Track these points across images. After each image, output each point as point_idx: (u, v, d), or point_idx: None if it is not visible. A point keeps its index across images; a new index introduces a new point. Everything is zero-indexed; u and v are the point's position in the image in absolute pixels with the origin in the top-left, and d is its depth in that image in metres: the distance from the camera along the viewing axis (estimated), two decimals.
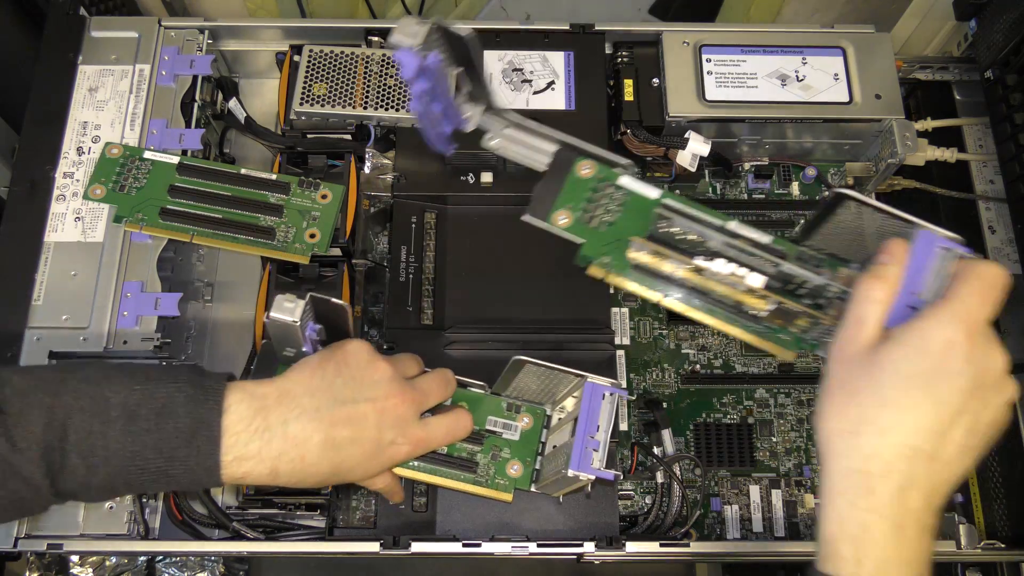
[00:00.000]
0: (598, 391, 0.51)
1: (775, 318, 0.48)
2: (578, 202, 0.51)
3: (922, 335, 0.38)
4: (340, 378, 0.49)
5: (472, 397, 0.58)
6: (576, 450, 0.49)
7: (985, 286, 0.39)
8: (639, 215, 0.50)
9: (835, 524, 0.38)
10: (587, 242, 0.50)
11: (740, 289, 0.48)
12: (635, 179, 0.51)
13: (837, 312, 0.45)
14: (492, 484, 0.56)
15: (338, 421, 0.48)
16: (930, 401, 0.37)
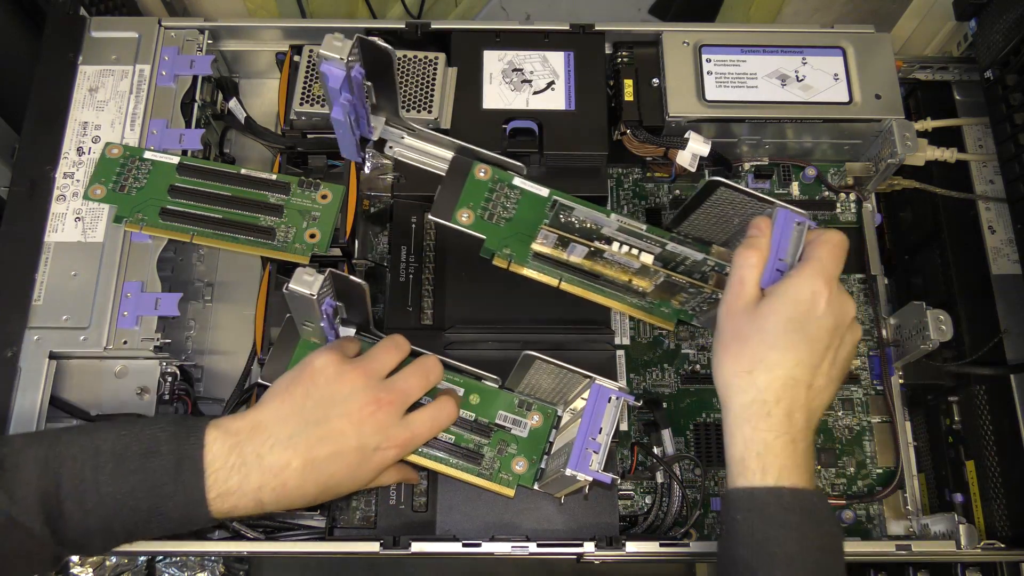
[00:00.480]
0: (604, 393, 0.51)
1: (658, 294, 0.59)
2: (478, 201, 0.58)
3: (795, 288, 0.47)
4: (309, 400, 0.50)
5: (485, 390, 0.58)
6: (576, 450, 0.49)
7: (835, 248, 0.48)
8: (533, 211, 0.58)
9: (741, 446, 0.46)
10: (488, 237, 0.57)
11: (631, 270, 0.56)
12: (526, 180, 0.59)
13: (715, 282, 0.56)
14: (496, 478, 0.56)
15: (314, 443, 0.49)
16: (804, 340, 0.46)
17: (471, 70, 0.67)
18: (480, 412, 0.58)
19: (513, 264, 0.58)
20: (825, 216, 0.71)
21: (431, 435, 0.53)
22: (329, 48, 0.50)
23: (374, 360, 0.53)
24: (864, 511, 0.64)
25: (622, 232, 0.55)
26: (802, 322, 0.46)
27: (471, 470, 0.57)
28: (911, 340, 0.63)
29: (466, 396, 0.58)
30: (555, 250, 0.57)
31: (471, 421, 0.57)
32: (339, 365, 0.51)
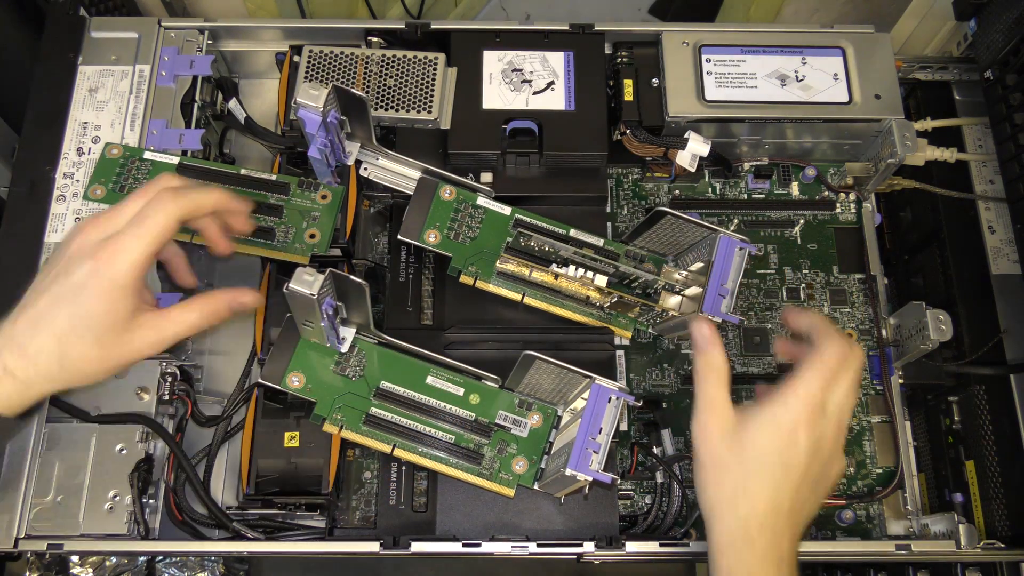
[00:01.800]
0: (604, 393, 0.51)
1: (615, 308, 0.62)
2: (444, 221, 0.61)
3: (774, 418, 0.46)
4: (48, 269, 0.48)
5: (485, 390, 0.58)
6: (576, 450, 0.49)
7: (827, 369, 0.47)
8: (497, 229, 0.61)
9: (726, 572, 0.46)
10: (455, 256, 0.60)
11: (588, 288, 0.60)
12: (490, 199, 0.61)
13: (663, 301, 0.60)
14: (496, 478, 0.57)
15: (37, 293, 0.47)
16: (783, 469, 0.46)
17: (471, 70, 0.67)
18: (480, 412, 0.58)
19: (479, 281, 0.61)
20: (825, 216, 0.71)
21: (143, 240, 0.47)
22: (306, 96, 0.53)
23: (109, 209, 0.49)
24: (864, 511, 0.64)
25: (579, 255, 0.59)
26: (781, 451, 0.46)
27: (471, 470, 0.57)
28: (911, 340, 0.63)
29: (466, 396, 0.58)
30: (517, 268, 0.60)
31: (471, 421, 0.57)
32: (73, 228, 0.49)
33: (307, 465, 0.58)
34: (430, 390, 0.58)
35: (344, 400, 0.57)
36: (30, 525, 0.56)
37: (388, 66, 0.67)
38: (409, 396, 0.58)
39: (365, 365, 0.58)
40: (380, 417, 0.57)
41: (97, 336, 0.47)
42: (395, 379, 0.58)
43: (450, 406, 0.58)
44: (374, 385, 0.58)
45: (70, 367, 0.47)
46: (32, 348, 0.46)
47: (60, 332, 0.46)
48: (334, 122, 0.57)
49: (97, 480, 0.57)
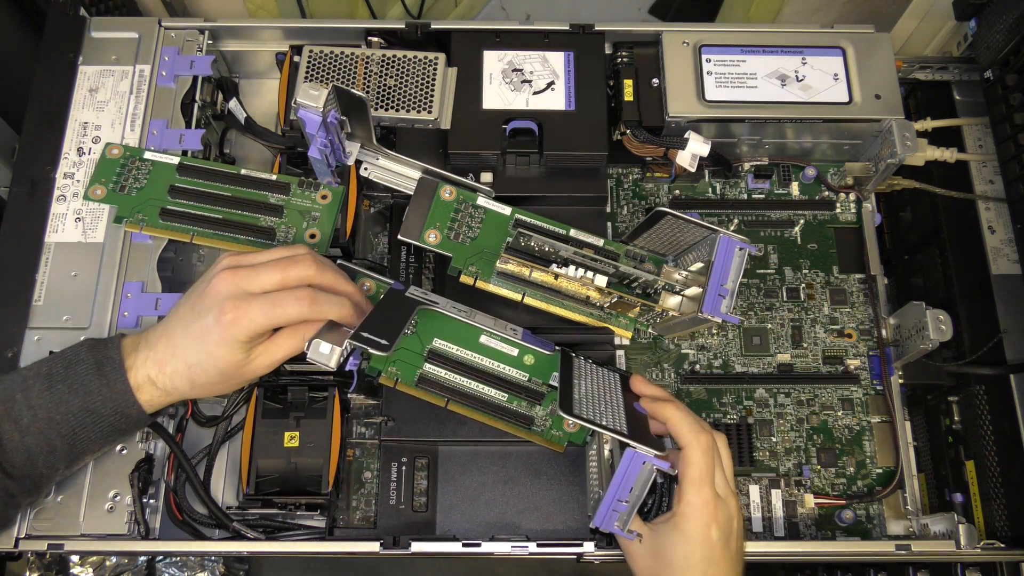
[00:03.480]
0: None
1: (615, 307, 0.62)
2: (444, 221, 0.61)
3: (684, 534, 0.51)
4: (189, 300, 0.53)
5: (538, 353, 0.59)
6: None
7: (704, 470, 0.51)
8: (497, 229, 0.61)
9: None
10: (455, 256, 0.60)
11: (588, 287, 0.60)
12: (490, 199, 0.61)
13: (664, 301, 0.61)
14: (548, 435, 0.58)
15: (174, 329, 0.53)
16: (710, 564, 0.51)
17: (471, 70, 0.67)
18: (534, 372, 0.59)
19: (479, 281, 0.61)
20: (825, 216, 0.71)
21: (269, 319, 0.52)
22: (306, 97, 0.54)
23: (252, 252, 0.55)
24: (864, 511, 0.64)
25: (579, 255, 0.58)
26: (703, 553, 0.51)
27: (522, 428, 0.58)
28: (911, 340, 0.63)
29: (520, 356, 0.59)
30: (518, 268, 0.60)
31: (524, 382, 0.58)
32: (219, 259, 0.54)
33: (307, 465, 0.59)
34: (484, 349, 0.58)
35: (399, 355, 0.57)
36: (30, 525, 0.57)
37: (388, 66, 0.67)
38: (462, 357, 0.58)
39: (418, 322, 0.58)
40: (432, 376, 0.58)
41: (220, 370, 0.52)
42: (448, 337, 0.58)
43: (504, 366, 0.58)
44: (427, 343, 0.58)
45: (199, 389, 0.53)
46: (168, 369, 0.52)
47: (190, 363, 0.52)
48: (334, 122, 0.57)
49: (97, 480, 0.58)
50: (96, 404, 0.51)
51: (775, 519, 0.63)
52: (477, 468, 0.60)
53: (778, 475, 0.64)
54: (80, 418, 0.51)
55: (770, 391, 0.66)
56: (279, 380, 0.61)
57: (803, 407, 0.66)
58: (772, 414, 0.66)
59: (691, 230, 0.57)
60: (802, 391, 0.66)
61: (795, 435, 0.65)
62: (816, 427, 0.65)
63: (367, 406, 0.64)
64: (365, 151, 0.63)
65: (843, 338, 0.68)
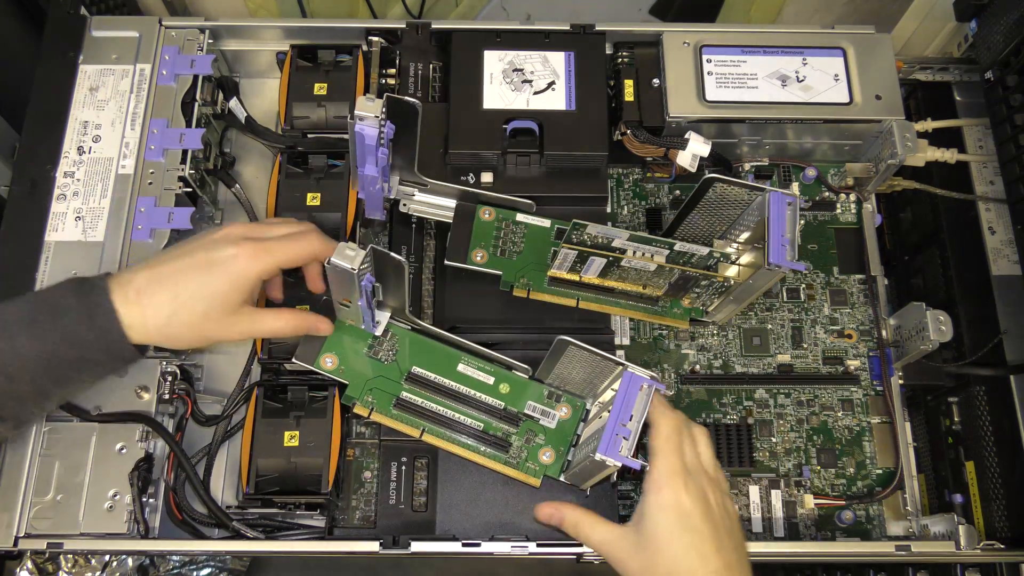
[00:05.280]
0: (636, 381, 0.51)
1: (669, 297, 0.63)
2: (488, 240, 0.62)
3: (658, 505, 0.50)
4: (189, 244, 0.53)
5: (515, 380, 0.59)
6: (606, 436, 0.49)
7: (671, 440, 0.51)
8: (539, 241, 0.62)
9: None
10: (504, 271, 0.61)
11: (645, 276, 0.60)
12: (529, 214, 0.63)
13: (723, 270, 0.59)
14: (523, 467, 0.58)
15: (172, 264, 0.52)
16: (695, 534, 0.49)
17: (471, 70, 0.67)
18: (509, 402, 0.59)
19: (532, 292, 0.62)
20: (825, 216, 0.71)
21: (287, 256, 0.53)
22: (363, 108, 0.53)
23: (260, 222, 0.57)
24: (864, 511, 0.64)
25: (632, 242, 0.56)
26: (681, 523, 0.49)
27: (498, 458, 0.58)
28: (911, 341, 0.63)
29: (496, 385, 0.59)
30: (570, 273, 0.61)
31: (500, 409, 0.58)
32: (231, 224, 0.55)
33: (307, 465, 0.58)
34: (461, 377, 0.59)
35: (376, 383, 0.58)
36: (30, 524, 0.56)
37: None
38: (440, 382, 0.59)
39: (398, 350, 0.59)
40: (410, 401, 0.58)
41: (207, 309, 0.51)
42: (427, 365, 0.59)
43: (480, 394, 0.59)
44: (406, 370, 0.59)
45: (172, 328, 0.52)
46: (146, 299, 0.51)
47: (178, 293, 0.51)
48: (390, 134, 0.56)
49: (97, 479, 0.58)
50: (91, 353, 0.50)
51: (775, 520, 0.63)
52: (477, 468, 0.60)
53: (778, 476, 0.64)
54: (76, 366, 0.51)
55: (770, 391, 0.66)
56: (279, 380, 0.61)
57: (803, 408, 0.66)
58: (772, 415, 0.66)
59: (739, 195, 0.56)
60: (802, 392, 0.66)
61: (795, 436, 0.65)
62: (816, 428, 0.65)
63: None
64: (403, 186, 0.63)
65: (843, 339, 0.68)
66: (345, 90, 0.67)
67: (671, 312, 0.64)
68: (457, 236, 0.62)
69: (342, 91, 0.67)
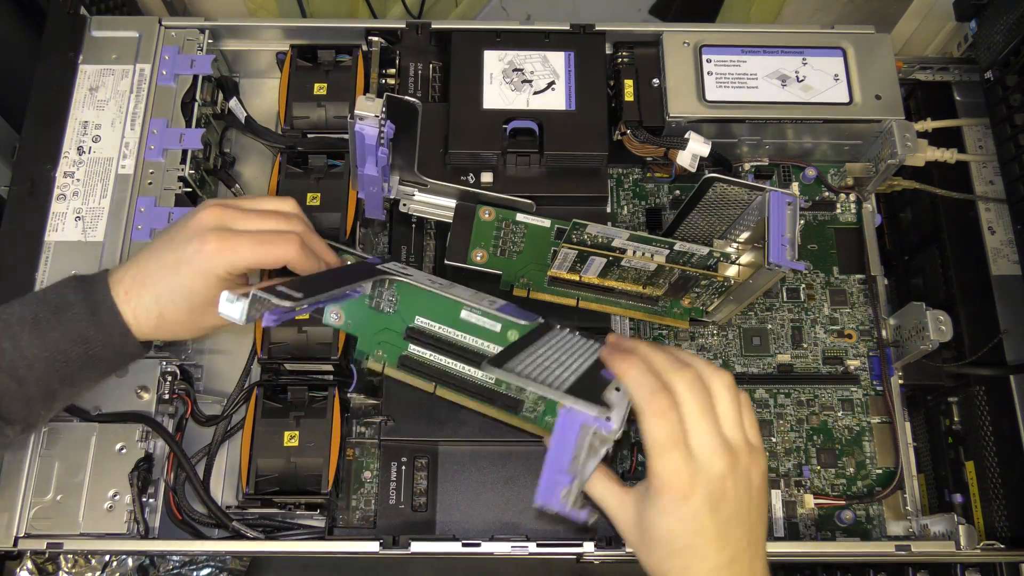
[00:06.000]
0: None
1: (669, 297, 0.62)
2: (488, 240, 0.61)
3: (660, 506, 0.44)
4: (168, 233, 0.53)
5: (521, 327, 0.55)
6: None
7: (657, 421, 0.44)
8: (539, 241, 0.62)
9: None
10: (504, 271, 0.61)
11: (644, 276, 0.59)
12: (529, 214, 0.62)
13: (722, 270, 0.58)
14: (541, 422, 0.56)
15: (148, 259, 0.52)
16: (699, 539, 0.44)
17: (471, 70, 0.67)
18: None
19: (532, 292, 0.62)
20: (825, 216, 0.71)
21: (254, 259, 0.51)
22: (363, 108, 0.53)
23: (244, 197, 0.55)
24: (864, 511, 0.64)
25: (632, 241, 0.56)
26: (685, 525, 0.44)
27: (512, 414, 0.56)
28: (911, 340, 0.63)
29: (503, 332, 0.55)
30: (570, 273, 0.60)
31: None
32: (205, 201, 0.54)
33: (307, 465, 0.58)
34: (466, 326, 0.56)
35: (383, 336, 0.56)
36: (30, 524, 0.56)
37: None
38: (445, 334, 0.56)
39: (399, 299, 0.56)
40: (417, 356, 0.56)
41: (190, 305, 0.51)
42: (429, 314, 0.56)
43: (488, 343, 0.56)
44: (409, 320, 0.56)
45: (165, 326, 0.52)
46: (135, 301, 0.51)
47: (159, 294, 0.51)
48: (389, 132, 0.55)
49: (97, 479, 0.58)
50: (96, 349, 0.51)
51: (775, 519, 0.63)
52: (477, 468, 0.60)
53: (778, 475, 0.64)
54: (81, 363, 0.51)
55: (770, 391, 0.66)
56: (279, 380, 0.61)
57: (803, 407, 0.66)
58: (772, 414, 0.66)
59: (738, 194, 0.56)
60: (802, 391, 0.66)
61: (795, 435, 0.65)
62: (816, 428, 0.65)
63: (367, 406, 0.64)
64: (403, 185, 0.63)
65: (843, 339, 0.68)
66: (345, 90, 0.67)
67: (671, 312, 0.64)
68: (457, 236, 0.62)
69: (342, 91, 0.67)
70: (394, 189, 0.63)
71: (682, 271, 0.59)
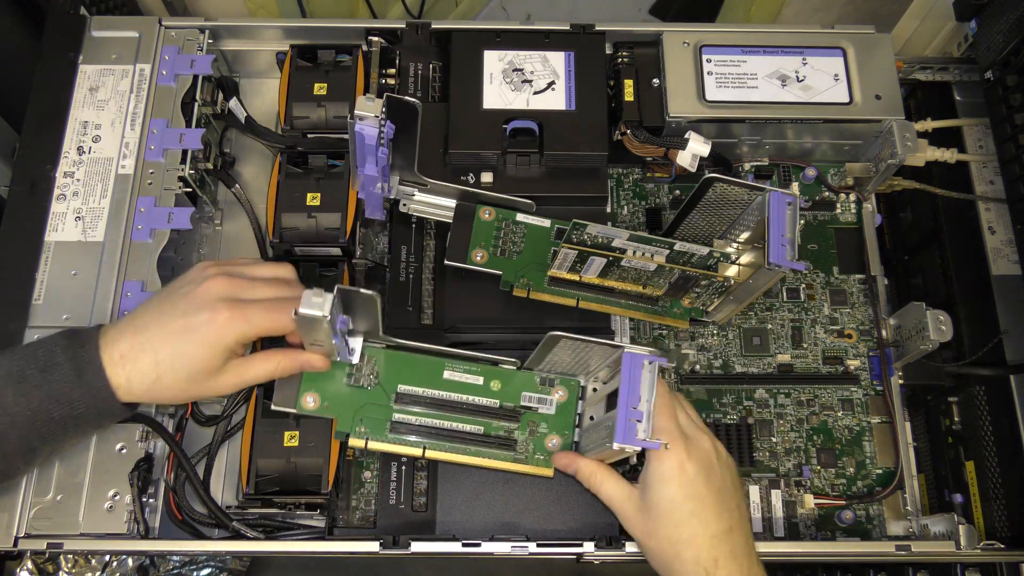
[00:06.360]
0: (637, 360, 0.50)
1: (669, 297, 0.63)
2: (488, 240, 0.62)
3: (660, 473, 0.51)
4: (168, 296, 0.53)
5: (504, 375, 0.58)
6: (620, 423, 0.49)
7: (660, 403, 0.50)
8: (539, 241, 0.62)
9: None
10: (504, 271, 0.61)
11: (644, 276, 0.59)
12: (529, 214, 0.62)
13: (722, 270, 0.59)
14: (532, 460, 0.57)
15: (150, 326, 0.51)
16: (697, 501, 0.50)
17: (471, 70, 0.67)
18: (504, 398, 0.58)
19: (532, 292, 0.62)
20: (825, 216, 0.71)
21: (266, 327, 0.52)
22: (363, 108, 0.53)
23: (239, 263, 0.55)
24: (864, 511, 0.64)
25: (632, 241, 0.56)
26: (684, 489, 0.50)
27: (506, 457, 0.57)
28: (911, 340, 0.63)
29: (487, 383, 0.58)
30: (570, 273, 0.60)
31: (496, 408, 0.57)
32: (204, 266, 0.54)
33: (307, 465, 0.58)
34: (449, 384, 0.58)
35: (364, 411, 0.57)
36: (30, 524, 0.56)
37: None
38: (429, 395, 0.57)
39: (379, 372, 0.57)
40: (404, 422, 0.57)
41: (190, 375, 0.51)
42: (412, 380, 0.57)
43: (472, 397, 0.58)
44: (392, 390, 0.57)
45: (157, 391, 0.51)
46: (130, 365, 0.50)
47: (160, 360, 0.50)
48: (389, 133, 0.55)
49: (97, 479, 0.57)
50: (79, 411, 0.50)
51: (775, 519, 0.63)
52: (477, 468, 0.60)
53: (778, 475, 0.64)
54: (63, 423, 0.50)
55: (770, 391, 0.66)
56: None
57: (803, 407, 0.66)
58: (772, 414, 0.66)
59: (739, 194, 0.56)
60: (802, 391, 0.66)
61: (795, 435, 0.65)
62: (816, 427, 0.65)
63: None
64: (402, 186, 0.63)
65: (843, 338, 0.68)
66: (345, 90, 0.67)
67: (671, 312, 0.64)
68: (457, 236, 0.62)
69: (342, 91, 0.67)
70: (394, 189, 0.63)
71: (682, 271, 0.59)
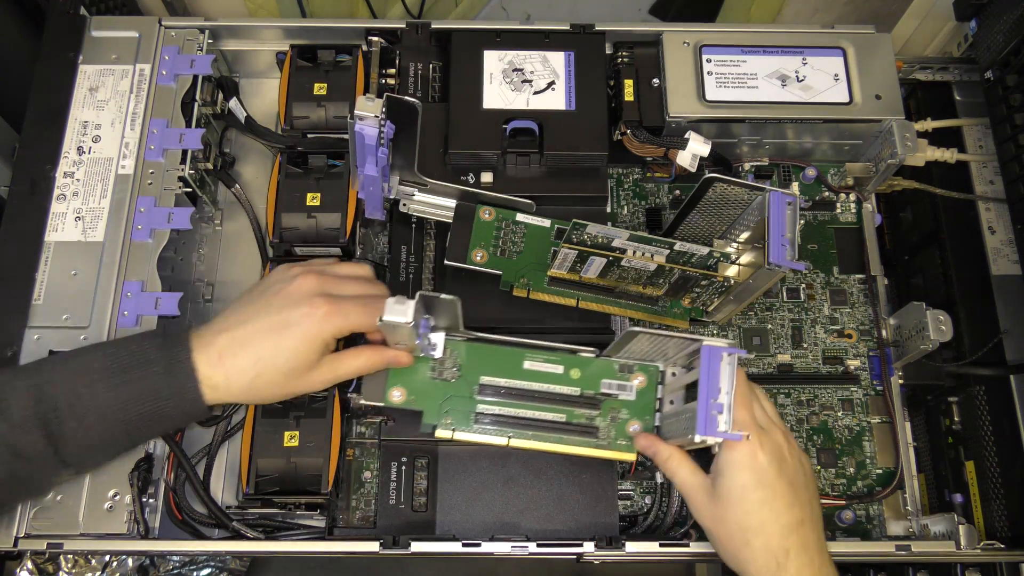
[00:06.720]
0: (716, 353, 0.50)
1: (669, 297, 0.63)
2: (488, 240, 0.62)
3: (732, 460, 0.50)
4: (260, 296, 0.54)
5: (583, 363, 0.58)
6: (701, 414, 0.49)
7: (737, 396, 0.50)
8: (539, 241, 0.62)
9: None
10: (504, 271, 0.61)
11: (644, 276, 0.59)
12: (529, 214, 0.62)
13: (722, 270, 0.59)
14: (614, 446, 0.57)
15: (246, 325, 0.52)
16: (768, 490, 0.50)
17: (471, 70, 0.67)
18: (584, 385, 0.58)
19: (532, 292, 0.62)
20: (825, 216, 0.71)
21: (361, 323, 0.53)
22: (363, 107, 0.53)
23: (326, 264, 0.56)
24: (864, 511, 0.64)
25: (632, 241, 0.56)
26: (757, 478, 0.50)
27: (588, 443, 0.57)
28: (911, 340, 0.63)
29: (567, 372, 0.58)
30: (570, 273, 0.60)
31: (577, 396, 0.58)
32: (287, 266, 0.55)
33: (307, 465, 0.58)
34: (530, 374, 0.58)
35: (450, 404, 0.57)
36: (30, 524, 0.56)
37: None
38: (511, 385, 0.58)
39: (461, 364, 0.58)
40: (488, 412, 0.57)
41: (289, 370, 0.52)
42: (494, 371, 0.58)
43: (553, 386, 0.58)
44: (475, 382, 0.57)
45: (255, 389, 0.52)
46: (229, 362, 0.51)
47: (260, 357, 0.51)
48: (389, 133, 0.56)
49: (97, 479, 0.57)
50: (165, 408, 0.51)
51: None
52: (477, 468, 0.60)
53: None
54: (148, 419, 0.51)
55: (770, 391, 0.66)
56: None
57: (803, 407, 0.66)
58: None
59: (738, 194, 0.56)
60: (802, 391, 0.66)
61: (795, 435, 0.65)
62: (816, 427, 0.65)
63: (367, 406, 0.64)
64: (403, 186, 0.63)
65: (843, 338, 0.68)
66: (345, 90, 0.67)
67: (671, 312, 0.64)
68: (457, 236, 0.62)
69: (342, 91, 0.67)
70: (394, 189, 0.63)
71: (682, 271, 0.59)
